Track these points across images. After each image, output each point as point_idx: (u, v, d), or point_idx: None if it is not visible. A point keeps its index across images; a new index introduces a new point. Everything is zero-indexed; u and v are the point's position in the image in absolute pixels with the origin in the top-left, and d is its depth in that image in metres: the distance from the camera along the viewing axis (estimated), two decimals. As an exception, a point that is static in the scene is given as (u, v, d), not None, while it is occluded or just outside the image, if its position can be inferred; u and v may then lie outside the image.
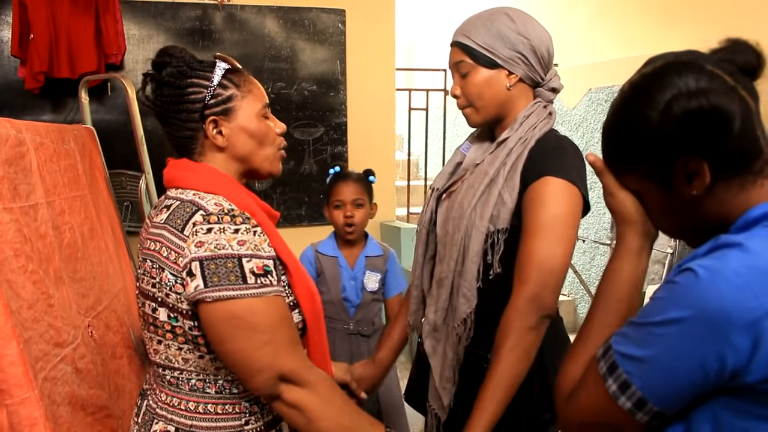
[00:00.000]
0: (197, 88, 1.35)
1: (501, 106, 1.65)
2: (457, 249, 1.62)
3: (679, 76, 0.93)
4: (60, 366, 1.62)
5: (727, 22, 3.66)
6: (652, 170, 0.99)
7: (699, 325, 0.83)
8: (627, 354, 0.90)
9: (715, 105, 0.90)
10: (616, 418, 0.92)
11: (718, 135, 0.91)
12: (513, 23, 1.60)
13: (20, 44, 3.49)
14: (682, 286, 0.86)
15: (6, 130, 1.60)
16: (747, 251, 0.84)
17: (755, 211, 0.92)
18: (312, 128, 4.20)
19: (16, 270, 1.49)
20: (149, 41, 3.88)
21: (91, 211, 2.27)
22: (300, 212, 4.25)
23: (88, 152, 2.47)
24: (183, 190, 1.34)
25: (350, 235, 2.62)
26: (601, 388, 0.92)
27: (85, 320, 1.89)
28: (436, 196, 1.77)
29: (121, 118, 3.71)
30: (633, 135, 0.99)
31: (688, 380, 0.86)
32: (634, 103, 0.99)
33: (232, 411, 1.35)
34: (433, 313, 1.70)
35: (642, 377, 0.88)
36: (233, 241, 1.22)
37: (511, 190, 1.57)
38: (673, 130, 0.93)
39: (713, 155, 0.92)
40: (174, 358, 1.34)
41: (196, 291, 1.21)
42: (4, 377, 1.33)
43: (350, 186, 2.62)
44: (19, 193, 1.62)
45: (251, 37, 4.04)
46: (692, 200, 0.96)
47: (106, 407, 1.83)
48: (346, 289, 2.64)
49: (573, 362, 1.05)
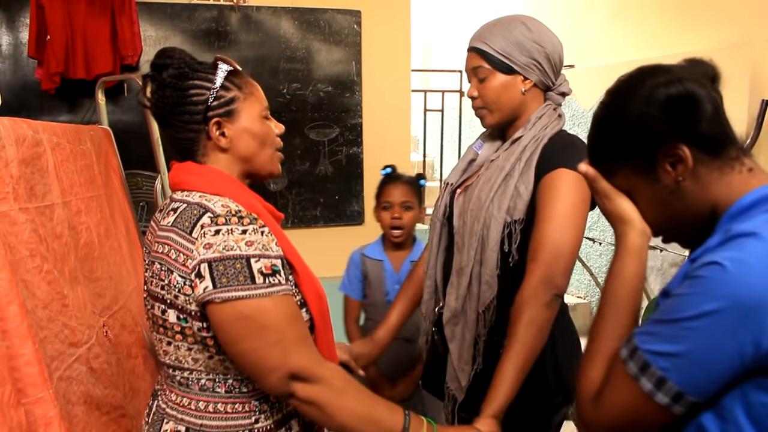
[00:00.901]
0: (200, 90, 1.35)
1: (515, 109, 1.76)
2: (477, 239, 1.71)
3: (653, 75, 1.04)
4: (75, 365, 1.62)
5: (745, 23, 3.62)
6: (638, 164, 1.06)
7: (733, 315, 0.87)
8: (659, 351, 0.93)
9: (690, 90, 0.99)
10: (652, 415, 0.96)
11: (695, 117, 0.99)
12: (530, 32, 1.71)
13: (37, 45, 3.52)
14: (710, 279, 0.90)
15: (23, 131, 1.61)
16: (763, 239, 0.89)
17: (748, 197, 0.99)
18: (327, 129, 4.20)
19: (31, 270, 1.50)
20: (165, 42, 3.89)
21: (106, 211, 2.28)
22: (315, 213, 4.25)
23: (104, 153, 2.48)
24: (189, 192, 1.35)
25: (397, 238, 2.62)
26: (633, 387, 0.96)
27: (100, 320, 1.90)
28: (450, 190, 1.88)
29: (137, 119, 3.72)
30: (618, 133, 1.07)
31: (726, 368, 0.90)
32: (616, 105, 1.08)
33: (242, 410, 1.36)
34: (454, 300, 1.79)
35: (679, 372, 0.92)
36: (241, 242, 1.23)
37: (526, 184, 1.67)
38: (659, 115, 1.01)
39: (692, 138, 1.00)
40: (184, 359, 1.35)
41: (205, 292, 1.22)
42: (20, 376, 1.33)
43: (399, 188, 2.62)
44: (35, 193, 1.63)
45: (267, 38, 4.05)
46: (678, 188, 1.03)
47: (120, 407, 1.84)
48: (389, 293, 2.64)
49: (592, 365, 1.08)
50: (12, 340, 1.32)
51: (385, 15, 4.27)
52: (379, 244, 2.73)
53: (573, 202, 1.61)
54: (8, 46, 3.72)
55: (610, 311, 1.10)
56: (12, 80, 3.71)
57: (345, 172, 4.27)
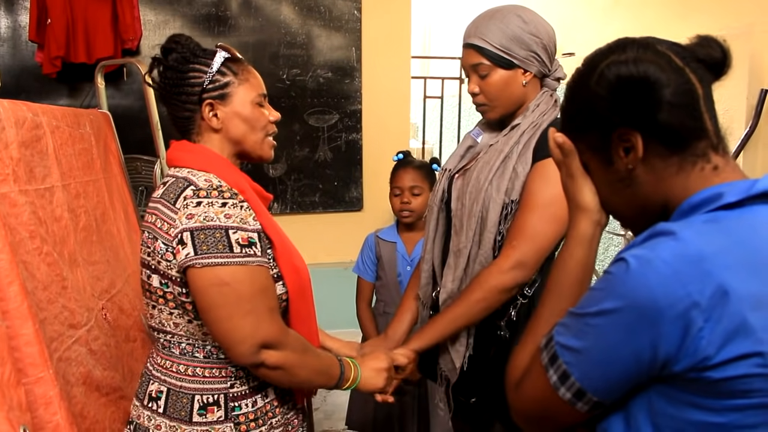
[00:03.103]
0: (197, 73, 1.46)
1: (517, 102, 1.77)
2: (476, 220, 1.73)
3: (623, 50, 0.96)
4: (74, 347, 1.64)
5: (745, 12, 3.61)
6: (595, 141, 1.00)
7: (630, 316, 0.83)
8: (566, 345, 0.91)
9: (644, 73, 0.92)
10: (558, 409, 0.93)
11: (648, 104, 0.92)
12: (526, 24, 1.71)
13: (38, 29, 3.52)
14: (615, 277, 0.86)
15: (23, 113, 1.62)
16: (678, 240, 0.84)
17: (697, 196, 0.92)
18: (327, 115, 4.20)
19: (31, 251, 1.51)
20: (165, 27, 3.88)
21: (104, 195, 2.29)
22: (314, 199, 4.26)
23: (104, 137, 2.48)
24: (179, 168, 1.46)
25: (406, 218, 2.68)
26: (543, 378, 0.93)
27: (99, 303, 1.91)
28: (448, 176, 1.89)
29: (137, 104, 3.72)
30: (578, 104, 1.02)
31: (623, 370, 0.86)
32: (580, 76, 1.02)
33: (219, 374, 1.45)
34: (450, 282, 1.81)
35: (579, 368, 0.89)
36: (221, 214, 1.33)
37: (524, 165, 1.69)
38: (606, 96, 0.95)
39: (645, 127, 0.94)
40: (166, 323, 1.45)
41: (186, 258, 1.32)
42: (20, 356, 1.35)
43: (409, 173, 2.67)
44: (35, 176, 1.63)
45: (267, 24, 4.04)
46: (629, 175, 0.98)
47: (119, 389, 1.85)
48: (401, 274, 2.70)
49: (522, 350, 1.05)
50: (12, 320, 1.33)
51: (386, 1, 4.25)
52: (394, 227, 2.80)
53: (561, 193, 1.59)
54: (8, 29, 3.71)
55: (550, 299, 1.08)
56: (11, 64, 3.71)
57: (344, 159, 4.27)
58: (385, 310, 2.70)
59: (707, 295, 0.80)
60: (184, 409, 1.43)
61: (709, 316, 0.80)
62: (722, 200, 0.89)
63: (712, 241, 0.84)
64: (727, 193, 0.89)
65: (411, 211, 2.65)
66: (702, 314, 0.80)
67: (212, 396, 1.43)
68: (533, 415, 0.99)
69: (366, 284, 2.81)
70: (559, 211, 1.59)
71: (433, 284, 1.93)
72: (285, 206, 4.19)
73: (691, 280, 0.80)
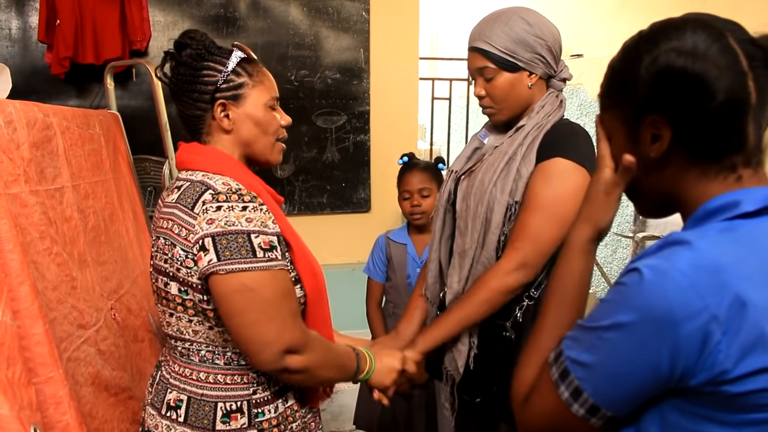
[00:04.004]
0: (212, 72, 1.42)
1: (523, 104, 1.77)
2: (480, 221, 1.73)
3: (692, 33, 0.89)
4: (83, 347, 1.64)
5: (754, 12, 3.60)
6: (627, 115, 0.96)
7: (646, 329, 0.80)
8: (577, 360, 0.88)
9: (701, 72, 0.86)
10: (571, 425, 0.90)
11: (690, 106, 0.87)
12: (530, 26, 1.70)
13: (47, 30, 3.53)
14: (628, 288, 0.83)
15: (34, 114, 1.62)
16: (694, 249, 0.80)
17: (713, 203, 0.89)
18: (335, 116, 4.20)
19: (41, 252, 1.51)
20: (174, 28, 3.89)
21: (113, 196, 2.29)
22: (322, 200, 4.26)
23: (113, 137, 2.49)
24: (193, 171, 1.42)
25: (417, 220, 2.69)
26: (553, 394, 0.90)
27: (108, 303, 1.91)
28: (455, 177, 1.89)
29: (145, 104, 3.73)
30: (623, 74, 0.97)
31: (638, 385, 0.83)
32: (639, 44, 0.96)
33: (241, 381, 1.43)
34: (456, 283, 1.81)
35: (592, 383, 0.86)
36: (242, 218, 1.30)
37: (528, 166, 1.69)
38: (651, 81, 0.90)
39: (681, 125, 0.89)
40: (185, 330, 1.42)
41: (209, 264, 1.29)
42: (31, 356, 1.35)
43: (416, 176, 2.68)
44: (45, 176, 1.64)
45: (275, 25, 4.04)
46: (650, 162, 0.94)
47: (128, 389, 1.86)
48: (411, 276, 2.70)
49: (526, 364, 1.02)
50: (23, 320, 1.33)
51: (394, 2, 4.25)
52: (404, 228, 2.80)
53: (564, 194, 1.62)
54: (18, 30, 3.73)
55: (553, 311, 1.04)
56: (21, 64, 3.72)
57: (352, 160, 4.28)
58: (395, 311, 2.71)
59: (725, 307, 0.77)
60: (207, 417, 1.40)
61: (727, 329, 0.77)
62: (739, 209, 0.86)
63: (728, 252, 0.81)
64: (744, 202, 0.87)
65: (422, 213, 2.65)
66: (720, 327, 0.77)
67: (235, 403, 1.41)
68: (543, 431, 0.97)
69: (376, 285, 2.81)
70: (562, 211, 1.62)
71: (440, 284, 1.93)
72: (293, 207, 4.19)
73: (709, 292, 0.78)
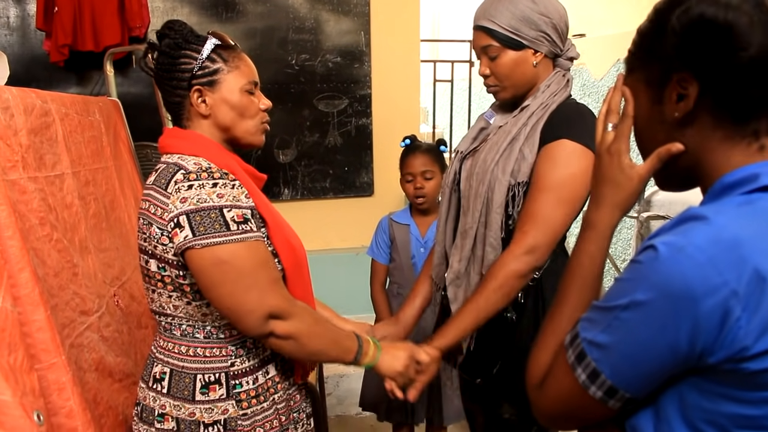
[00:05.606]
0: (188, 59, 1.48)
1: (528, 83, 1.76)
2: (482, 201, 1.74)
3: None
4: (86, 333, 1.64)
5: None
6: (653, 75, 0.93)
7: (664, 307, 0.78)
8: (594, 341, 0.86)
9: (733, 22, 0.82)
10: (588, 407, 0.89)
11: (720, 58, 0.84)
12: (535, 5, 1.69)
13: (45, 17, 3.51)
14: (644, 266, 0.81)
15: (32, 100, 1.61)
16: (711, 225, 0.78)
17: (731, 176, 0.87)
18: (336, 100, 4.18)
19: (41, 238, 1.51)
20: (173, 14, 3.87)
21: (114, 182, 2.29)
22: (324, 185, 4.25)
23: (113, 124, 2.48)
24: (170, 154, 1.49)
25: (421, 205, 2.68)
26: (570, 377, 0.89)
27: (110, 289, 1.91)
28: (460, 158, 1.89)
29: (146, 91, 3.72)
30: (653, 31, 0.93)
31: (657, 365, 0.82)
32: (669, 2, 0.92)
33: (219, 354, 1.49)
34: (457, 262, 1.82)
35: (610, 365, 0.84)
36: (213, 194, 1.37)
37: (531, 147, 1.69)
38: (681, 33, 0.87)
39: (708, 82, 0.87)
40: (166, 305, 1.49)
41: (185, 240, 1.35)
42: (33, 342, 1.35)
43: (419, 158, 2.65)
44: (44, 163, 1.63)
45: (275, 9, 4.01)
46: (673, 122, 0.92)
47: (132, 374, 1.86)
48: (415, 256, 2.70)
49: (543, 348, 1.01)
50: (24, 307, 1.34)
51: (394, -16, 4.22)
52: (407, 210, 2.80)
53: (571, 176, 1.62)
54: (16, 18, 3.71)
55: (574, 294, 1.02)
56: (20, 52, 3.70)
57: (354, 144, 4.26)
58: (399, 292, 2.71)
59: (744, 282, 0.75)
60: (187, 388, 1.47)
61: (747, 304, 0.75)
62: (758, 182, 0.84)
63: (747, 226, 0.78)
64: (764, 174, 0.84)
65: (425, 195, 2.64)
66: (740, 303, 0.75)
67: (213, 375, 1.48)
68: (560, 415, 0.95)
69: (380, 266, 2.81)
70: (571, 193, 1.62)
71: (446, 265, 1.93)
72: (296, 192, 4.18)
73: (728, 267, 0.75)
